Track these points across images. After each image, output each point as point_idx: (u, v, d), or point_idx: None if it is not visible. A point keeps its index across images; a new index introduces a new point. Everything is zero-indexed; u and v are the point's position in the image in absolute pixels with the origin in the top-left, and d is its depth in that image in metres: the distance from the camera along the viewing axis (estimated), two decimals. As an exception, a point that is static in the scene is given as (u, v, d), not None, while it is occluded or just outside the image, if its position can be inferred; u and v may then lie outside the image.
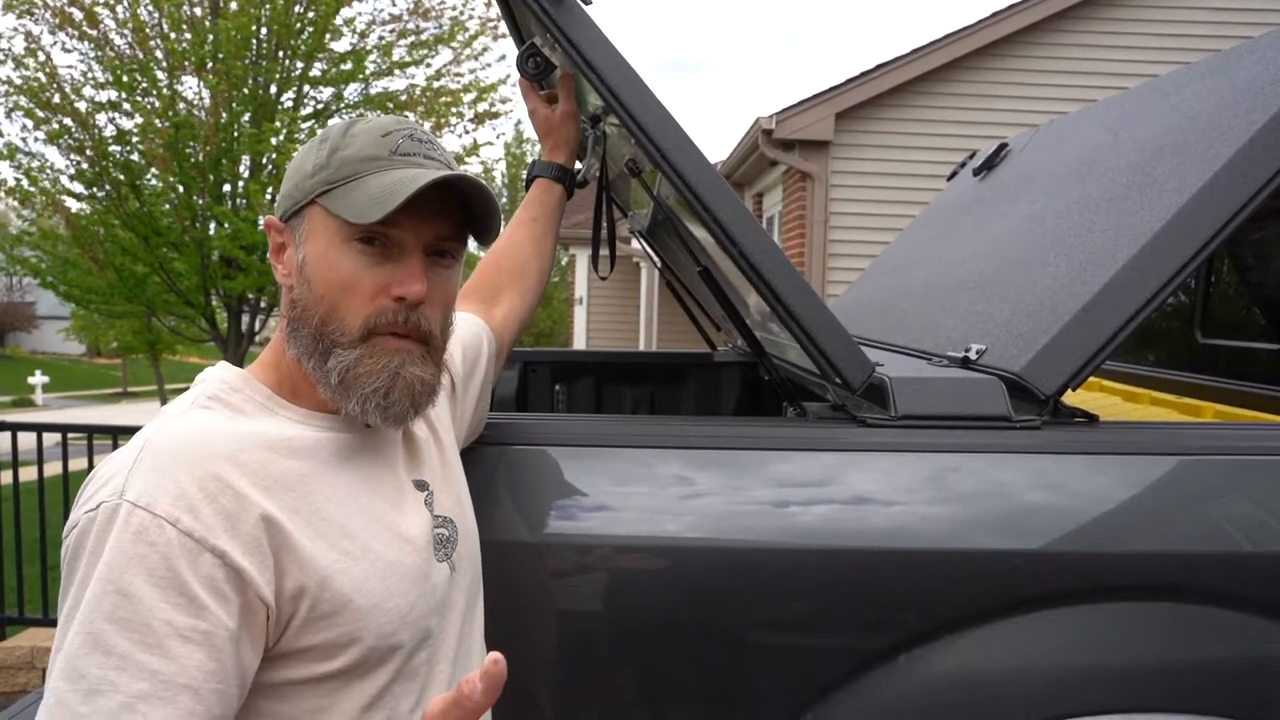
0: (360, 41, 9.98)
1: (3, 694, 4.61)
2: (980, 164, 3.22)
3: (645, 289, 14.34)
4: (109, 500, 0.97)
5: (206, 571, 0.97)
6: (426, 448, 1.29)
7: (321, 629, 1.04)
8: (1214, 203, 1.59)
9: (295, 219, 1.16)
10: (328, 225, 1.13)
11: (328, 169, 1.13)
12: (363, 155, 1.13)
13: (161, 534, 0.96)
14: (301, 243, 1.15)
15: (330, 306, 1.12)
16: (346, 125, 1.17)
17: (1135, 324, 1.55)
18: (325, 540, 1.06)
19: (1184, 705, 1.45)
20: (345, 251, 1.12)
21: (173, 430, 1.05)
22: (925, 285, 2.63)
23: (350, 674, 1.07)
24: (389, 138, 1.14)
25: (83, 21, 9.14)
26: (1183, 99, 2.05)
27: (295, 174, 1.17)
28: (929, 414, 1.55)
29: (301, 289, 1.15)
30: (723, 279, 1.99)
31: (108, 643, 0.92)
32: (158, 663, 0.93)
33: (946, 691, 1.45)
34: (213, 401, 1.12)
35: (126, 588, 0.94)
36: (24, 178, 9.48)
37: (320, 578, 1.04)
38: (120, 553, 0.95)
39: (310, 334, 1.13)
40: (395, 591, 1.11)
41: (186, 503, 0.98)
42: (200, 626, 0.95)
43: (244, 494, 1.01)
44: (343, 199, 1.11)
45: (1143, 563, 1.48)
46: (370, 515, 1.13)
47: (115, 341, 24.34)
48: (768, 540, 1.47)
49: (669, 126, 1.51)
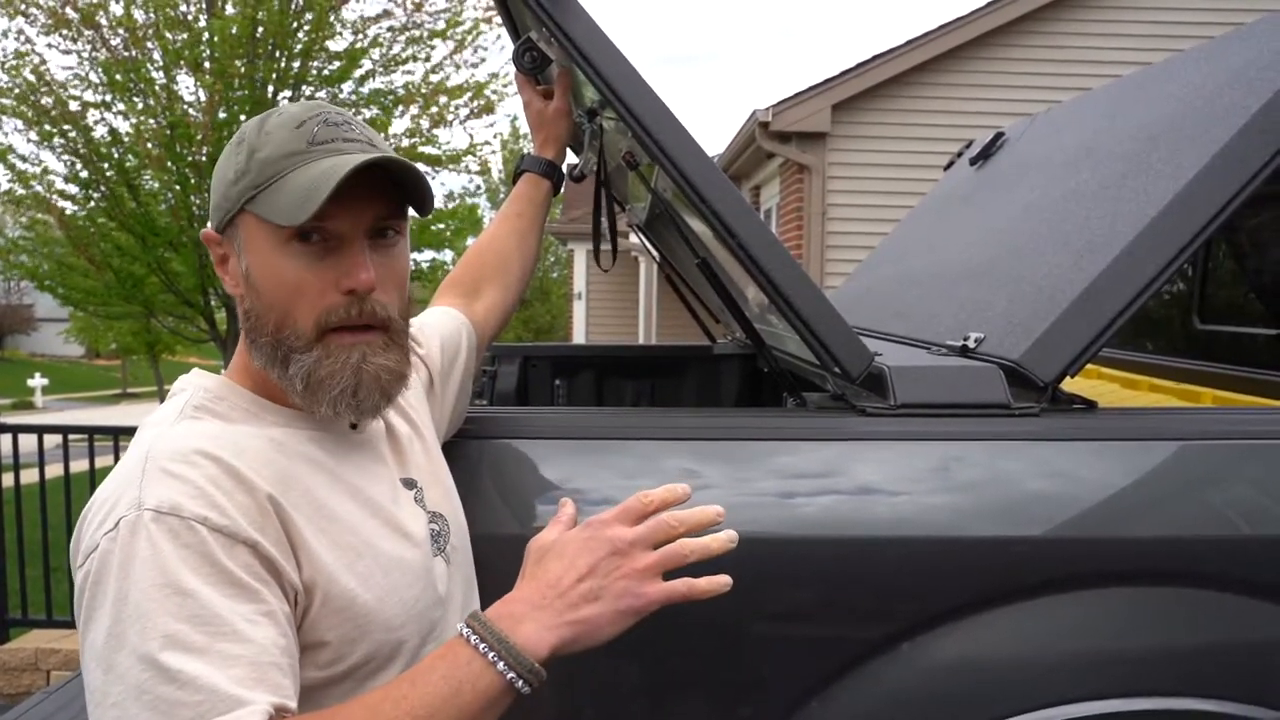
0: (357, 39, 9.97)
1: (6, 695, 4.62)
2: (977, 153, 3.22)
3: (644, 283, 14.34)
4: (128, 514, 0.96)
5: (244, 560, 0.97)
6: (410, 445, 1.29)
7: (333, 624, 1.05)
8: (1210, 188, 1.60)
9: (230, 229, 1.13)
10: (262, 230, 1.09)
11: (249, 173, 1.10)
12: (281, 153, 1.09)
13: (194, 534, 0.96)
14: (241, 252, 1.12)
15: (282, 313, 1.10)
16: (260, 123, 1.13)
17: (1133, 310, 1.56)
18: (329, 537, 1.07)
19: (1187, 689, 1.46)
20: (285, 254, 1.08)
21: (172, 437, 1.05)
22: (923, 274, 2.64)
23: (360, 673, 1.08)
24: (303, 128, 1.10)
25: (79, 22, 9.12)
26: (1178, 85, 2.06)
27: (220, 183, 1.13)
28: (928, 402, 1.55)
29: (251, 299, 1.12)
30: (721, 271, 2.00)
31: (188, 640, 0.92)
32: (237, 648, 0.93)
33: (950, 679, 1.46)
34: (200, 411, 1.10)
35: (184, 587, 0.93)
36: (16, 181, 9.46)
37: (328, 574, 1.05)
38: (163, 557, 0.94)
39: (268, 343, 1.11)
40: (399, 585, 1.12)
41: (209, 501, 0.98)
42: (261, 608, 0.97)
43: (255, 486, 1.02)
44: (269, 202, 1.08)
45: (1143, 548, 1.48)
46: (369, 511, 1.14)
47: (114, 343, 24.35)
48: (769, 530, 1.47)
49: (665, 119, 1.51)
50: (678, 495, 1.12)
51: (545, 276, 31.47)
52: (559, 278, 30.48)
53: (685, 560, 1.08)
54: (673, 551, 1.08)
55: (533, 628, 1.02)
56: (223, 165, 1.14)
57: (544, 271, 31.66)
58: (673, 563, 1.08)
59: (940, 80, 8.59)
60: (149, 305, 10.41)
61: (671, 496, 1.12)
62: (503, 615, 1.04)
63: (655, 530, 1.08)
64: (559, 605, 1.04)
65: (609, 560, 1.06)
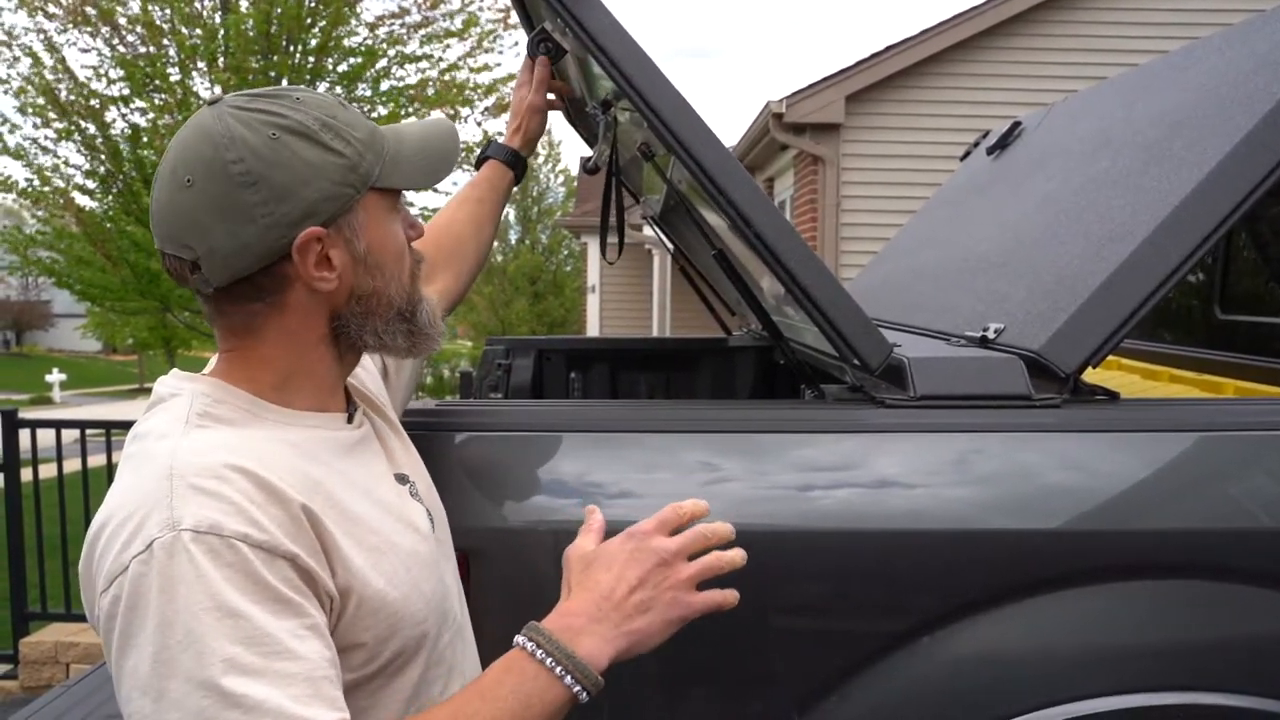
0: (371, 35, 9.98)
1: (28, 688, 4.65)
2: (994, 143, 3.20)
3: (657, 275, 14.33)
4: (161, 535, 0.93)
5: (285, 574, 0.96)
6: (390, 440, 1.27)
7: (368, 625, 1.05)
8: (1233, 176, 1.58)
9: (341, 219, 1.08)
10: (379, 204, 1.13)
11: (368, 152, 1.09)
12: (367, 129, 1.12)
13: (236, 553, 0.94)
14: (359, 234, 1.09)
15: (398, 280, 1.15)
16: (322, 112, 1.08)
17: (1156, 300, 1.54)
18: (354, 538, 1.06)
19: (1208, 683, 1.44)
20: (395, 219, 1.15)
21: (193, 450, 1.00)
22: (941, 265, 2.62)
23: (390, 669, 1.08)
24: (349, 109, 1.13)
25: (97, 19, 9.16)
26: (1199, 72, 2.03)
27: (318, 177, 1.05)
28: (948, 394, 1.54)
29: (365, 281, 1.11)
30: (737, 262, 1.99)
31: (245, 663, 0.91)
32: (294, 666, 0.93)
33: (969, 672, 1.45)
34: (205, 419, 1.05)
35: (234, 609, 0.92)
36: (35, 177, 9.53)
37: (361, 577, 1.04)
38: (208, 579, 0.92)
39: (395, 315, 1.15)
40: (421, 579, 1.12)
41: (247, 517, 0.96)
42: (305, 622, 0.96)
43: (287, 497, 1.00)
44: (397, 172, 1.13)
45: (1166, 540, 1.47)
46: (382, 508, 1.13)
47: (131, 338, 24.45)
48: (789, 523, 1.46)
49: (683, 110, 1.50)
50: (703, 509, 1.19)
51: (559, 270, 31.50)
52: (572, 271, 30.51)
53: (720, 571, 1.16)
54: (709, 562, 1.15)
55: (593, 641, 1.07)
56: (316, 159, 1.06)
57: (557, 265, 31.68)
58: (710, 573, 1.15)
59: (955, 70, 8.55)
60: (165, 300, 10.46)
61: (699, 510, 1.18)
62: (563, 628, 1.07)
63: (694, 541, 1.15)
64: (615, 617, 1.09)
65: (657, 571, 1.12)
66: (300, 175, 1.05)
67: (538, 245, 32.31)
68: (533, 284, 30.47)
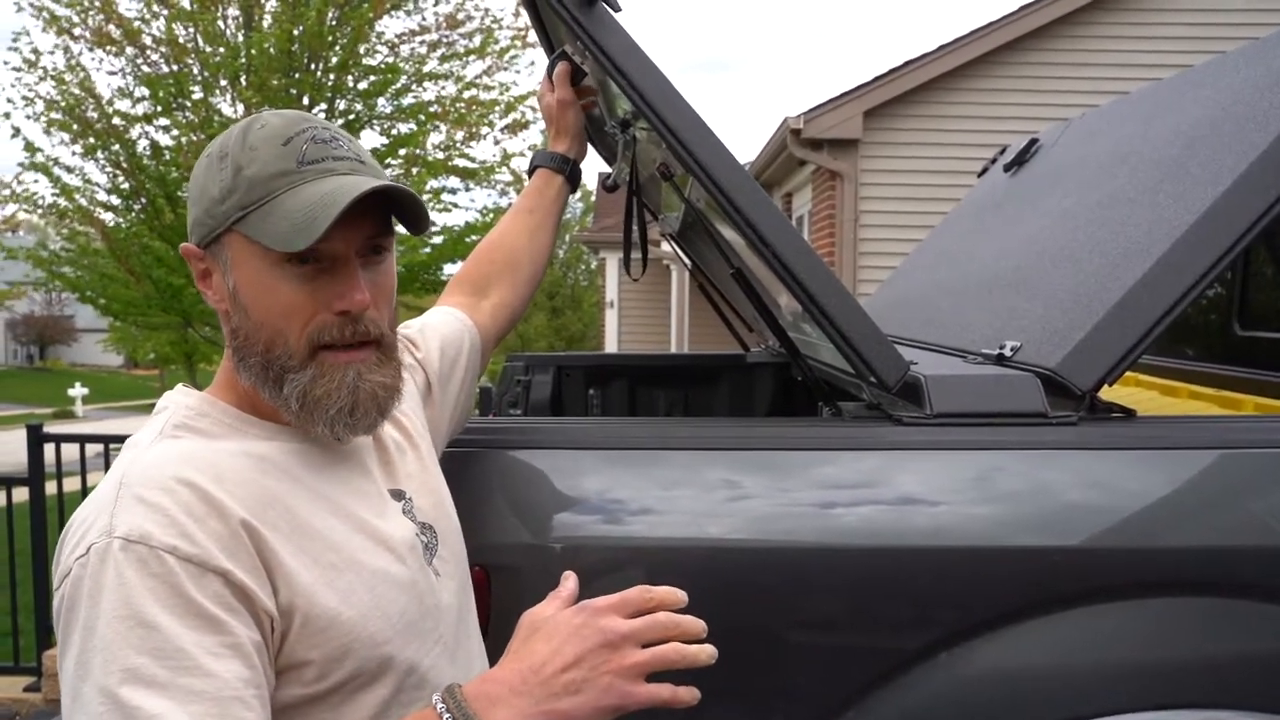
0: (391, 54, 10.07)
1: (51, 701, 4.68)
2: (1011, 159, 3.20)
3: (676, 291, 14.34)
4: (98, 541, 0.95)
5: (214, 590, 0.96)
6: (401, 455, 1.27)
7: (316, 643, 1.04)
8: (1250, 193, 1.58)
9: (215, 245, 1.10)
10: (252, 251, 1.07)
11: (236, 191, 1.07)
12: (269, 172, 1.06)
13: (163, 564, 0.94)
14: (228, 270, 1.10)
15: (272, 332, 1.08)
16: (242, 136, 1.10)
17: (1172, 317, 1.54)
18: (309, 555, 1.05)
19: (1227, 700, 1.44)
20: (278, 276, 1.07)
21: (146, 460, 1.03)
22: (958, 282, 2.62)
23: (350, 687, 1.06)
24: (291, 145, 1.08)
25: (122, 39, 9.27)
26: (1216, 89, 2.04)
27: (203, 199, 1.10)
28: (965, 411, 1.55)
29: (239, 317, 1.10)
30: (755, 280, 2.00)
31: (148, 675, 0.91)
32: (200, 683, 0.92)
33: (988, 689, 1.45)
34: (180, 429, 1.09)
35: (148, 619, 0.93)
36: (60, 194, 9.63)
37: (308, 594, 1.03)
38: (130, 588, 0.93)
39: (258, 362, 1.09)
40: (384, 599, 1.10)
41: (179, 529, 0.96)
42: (227, 640, 0.95)
43: (229, 512, 1.00)
44: (261, 225, 1.05)
45: (1183, 558, 1.47)
46: (353, 525, 1.12)
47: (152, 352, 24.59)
48: (807, 540, 1.47)
49: (700, 130, 1.51)
50: (678, 599, 1.06)
51: (576, 285, 31.55)
52: (590, 286, 30.55)
53: (673, 666, 1.02)
54: (663, 655, 1.02)
55: (506, 714, 0.98)
56: (203, 179, 1.11)
57: (575, 280, 31.74)
58: (661, 665, 1.02)
59: (973, 86, 8.54)
60: (187, 315, 10.54)
61: (672, 599, 1.06)
62: (479, 695, 1.00)
63: (651, 628, 1.03)
64: (539, 693, 0.99)
65: (598, 653, 1.00)
66: (195, 190, 1.12)
67: (556, 260, 32.40)
68: (551, 299, 30.55)
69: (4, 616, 5.19)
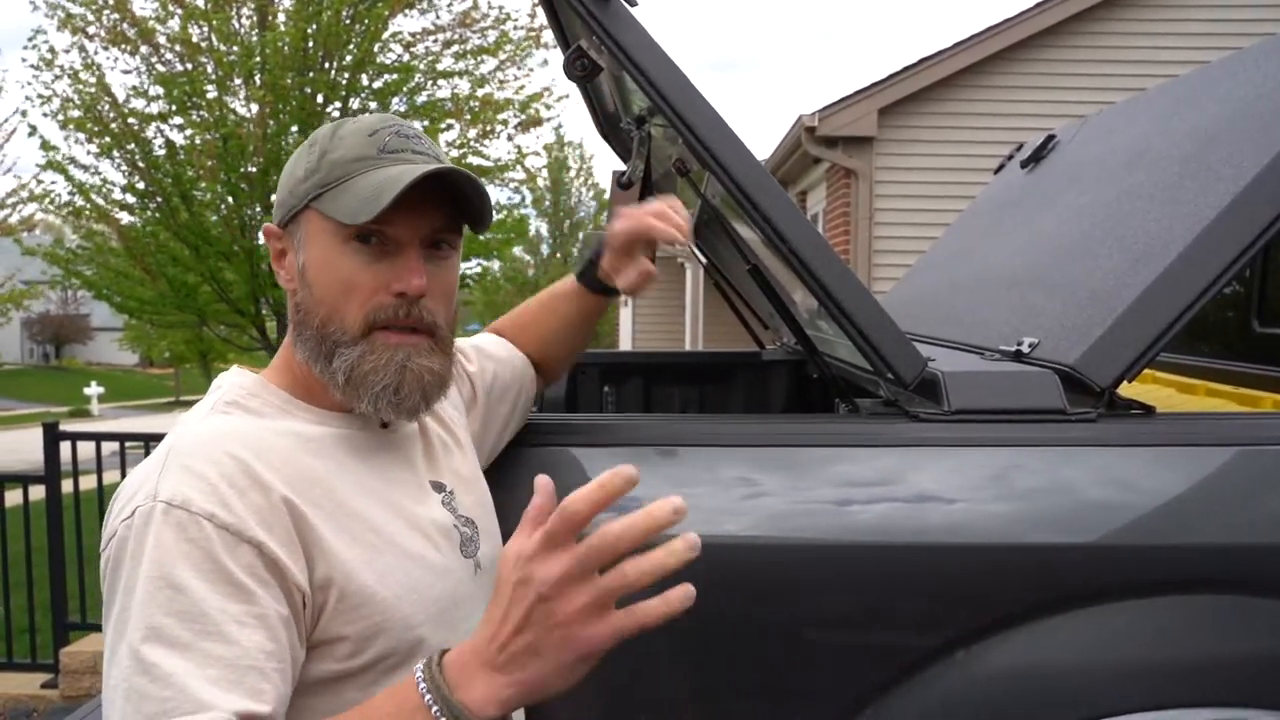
0: (405, 53, 10.08)
1: (68, 697, 4.70)
2: (1028, 156, 3.19)
3: (690, 289, 14.33)
4: (144, 504, 0.99)
5: (247, 560, 0.99)
6: (445, 452, 1.30)
7: (350, 620, 1.06)
8: (1270, 189, 1.57)
9: (292, 225, 1.17)
10: (324, 228, 1.13)
11: (319, 172, 1.14)
12: (351, 156, 1.13)
13: (200, 530, 0.97)
14: (301, 247, 1.16)
15: (331, 308, 1.13)
16: (334, 128, 1.18)
17: (1191, 314, 1.53)
18: (349, 534, 1.08)
19: (1247, 699, 1.43)
20: (343, 252, 1.13)
21: (196, 432, 1.08)
22: (975, 279, 2.61)
23: (380, 667, 1.08)
24: (376, 136, 1.15)
25: (137, 37, 9.31)
26: (1236, 85, 2.02)
27: (289, 180, 1.18)
28: (983, 408, 1.54)
29: (304, 293, 1.16)
30: (771, 276, 1.99)
31: (171, 635, 0.94)
32: (221, 648, 0.94)
33: (1005, 687, 1.44)
34: (231, 407, 1.14)
35: (178, 582, 0.95)
36: (76, 192, 9.68)
37: (346, 570, 1.06)
38: (165, 550, 0.96)
39: (314, 336, 1.14)
40: (420, 583, 1.12)
41: (219, 498, 1.00)
42: (254, 610, 0.97)
43: (270, 486, 1.03)
44: (334, 201, 1.12)
45: (1202, 555, 1.46)
46: (393, 510, 1.15)
47: (167, 351, 24.79)
48: (825, 537, 1.47)
49: (717, 126, 1.51)
50: (616, 485, 0.87)
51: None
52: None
53: (633, 588, 0.87)
54: (610, 584, 0.87)
55: (482, 689, 0.89)
56: (293, 164, 1.18)
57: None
58: (614, 595, 0.88)
59: (989, 83, 8.51)
60: (202, 314, 10.59)
61: (604, 494, 0.87)
62: (457, 665, 0.92)
63: (588, 558, 0.87)
64: (501, 661, 0.89)
65: (540, 608, 0.87)
66: (283, 176, 1.20)
67: (570, 259, 32.41)
68: (564, 297, 30.50)
69: (21, 614, 5.21)
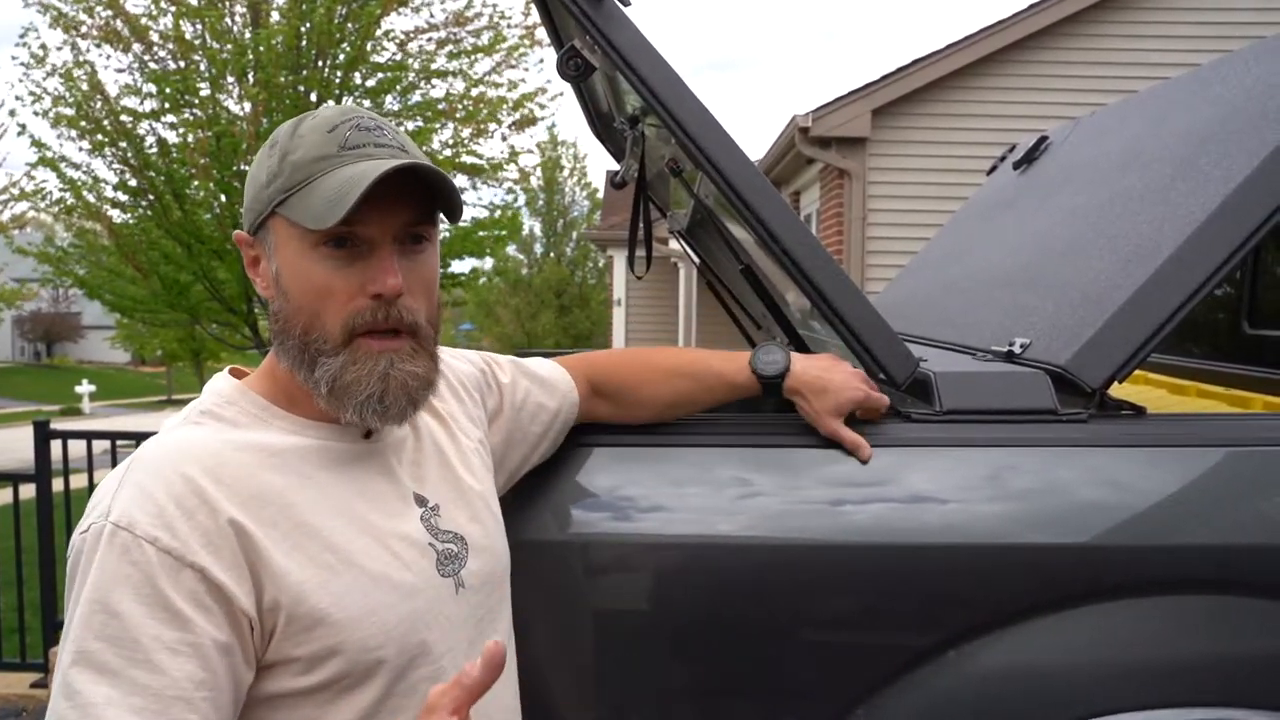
0: (399, 51, 10.06)
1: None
2: (1020, 157, 3.20)
3: (683, 289, 14.33)
4: (97, 522, 1.00)
5: (189, 586, 0.98)
6: (439, 461, 1.26)
7: (301, 642, 1.04)
8: (1261, 191, 1.57)
9: (262, 231, 1.14)
10: (292, 233, 1.10)
11: (281, 176, 1.10)
12: (311, 156, 1.09)
13: (142, 553, 0.97)
14: (272, 254, 1.13)
15: (310, 315, 1.10)
16: (294, 125, 1.14)
17: (1182, 315, 1.54)
18: (304, 554, 1.06)
19: (1239, 699, 1.44)
20: (314, 258, 1.09)
21: (161, 444, 1.07)
22: (967, 280, 2.62)
23: (336, 687, 1.07)
24: (335, 133, 1.10)
25: (129, 35, 9.28)
26: (1227, 87, 2.03)
27: (253, 185, 1.14)
28: (974, 408, 1.54)
29: (280, 301, 1.13)
30: (764, 277, 2.00)
31: (100, 660, 0.94)
32: (147, 677, 0.94)
33: (997, 687, 1.45)
34: (204, 417, 1.13)
35: (114, 606, 0.95)
36: (68, 189, 9.64)
37: (295, 593, 1.04)
38: (106, 573, 0.97)
39: (295, 345, 1.12)
40: (380, 605, 1.09)
41: (164, 521, 0.99)
42: (187, 639, 0.97)
43: (219, 509, 1.02)
44: (299, 205, 1.08)
45: (1193, 556, 1.46)
46: (359, 526, 1.12)
47: (159, 350, 24.74)
48: (817, 537, 1.47)
49: (710, 126, 1.51)
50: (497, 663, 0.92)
51: (584, 283, 31.56)
52: (598, 284, 30.56)
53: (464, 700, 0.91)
54: None
55: None
56: (256, 168, 1.15)
57: (583, 279, 31.75)
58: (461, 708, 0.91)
59: (982, 84, 8.53)
60: (194, 312, 10.55)
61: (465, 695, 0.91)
62: None
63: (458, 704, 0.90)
64: None
65: None
66: (249, 180, 1.16)
67: (563, 258, 32.41)
68: (559, 297, 30.56)
69: (11, 613, 5.20)
